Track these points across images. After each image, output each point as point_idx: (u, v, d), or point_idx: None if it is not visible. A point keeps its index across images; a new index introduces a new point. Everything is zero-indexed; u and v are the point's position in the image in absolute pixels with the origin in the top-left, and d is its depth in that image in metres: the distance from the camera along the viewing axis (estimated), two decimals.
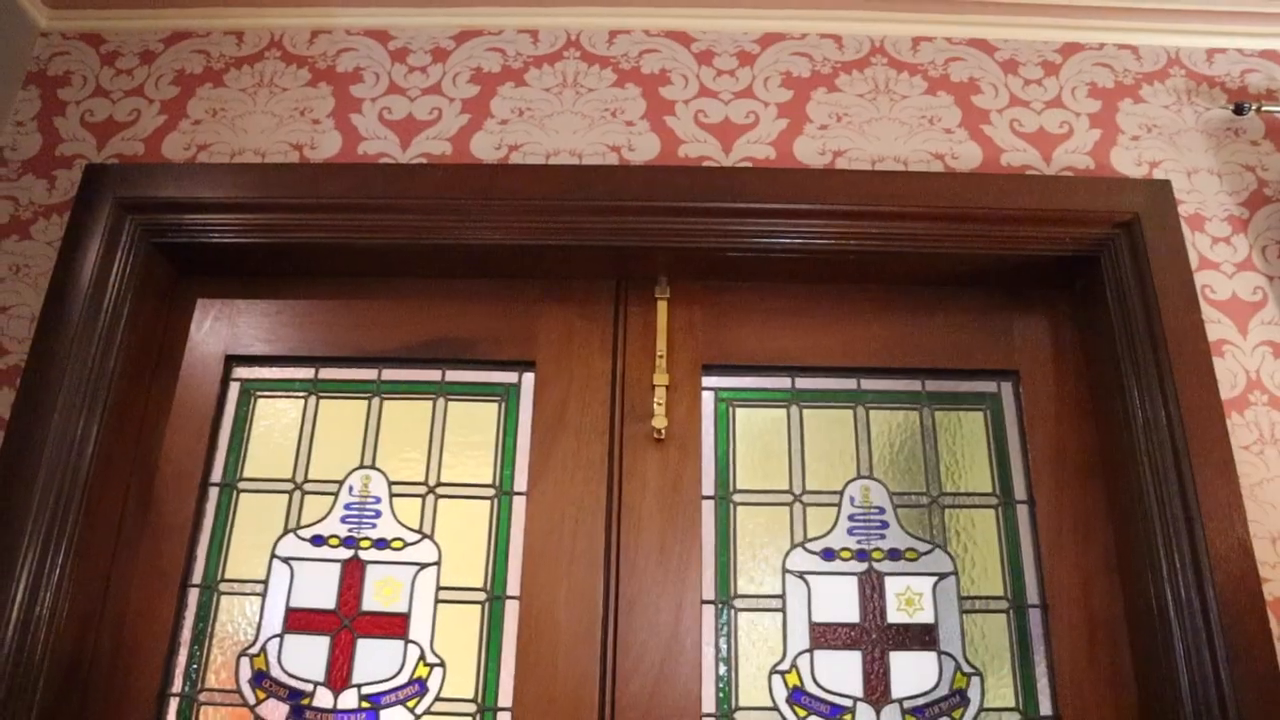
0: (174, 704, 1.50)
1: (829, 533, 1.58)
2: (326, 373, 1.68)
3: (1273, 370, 1.58)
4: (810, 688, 1.49)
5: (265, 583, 1.56)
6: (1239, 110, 1.69)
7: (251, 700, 1.50)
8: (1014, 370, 1.65)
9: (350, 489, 1.61)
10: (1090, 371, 1.65)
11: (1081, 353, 1.66)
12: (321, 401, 1.67)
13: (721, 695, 1.49)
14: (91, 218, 1.64)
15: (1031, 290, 1.71)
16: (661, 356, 1.61)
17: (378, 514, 1.59)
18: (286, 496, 1.61)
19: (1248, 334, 1.60)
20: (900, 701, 1.48)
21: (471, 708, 1.49)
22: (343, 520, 1.59)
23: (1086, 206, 1.63)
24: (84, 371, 1.54)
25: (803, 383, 1.66)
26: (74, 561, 1.47)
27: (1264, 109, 1.71)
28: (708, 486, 1.59)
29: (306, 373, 1.69)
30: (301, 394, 1.68)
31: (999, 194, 1.63)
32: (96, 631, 1.51)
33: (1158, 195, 1.64)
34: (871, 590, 1.54)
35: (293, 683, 1.51)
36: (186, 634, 1.54)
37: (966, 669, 1.51)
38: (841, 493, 1.60)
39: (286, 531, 1.59)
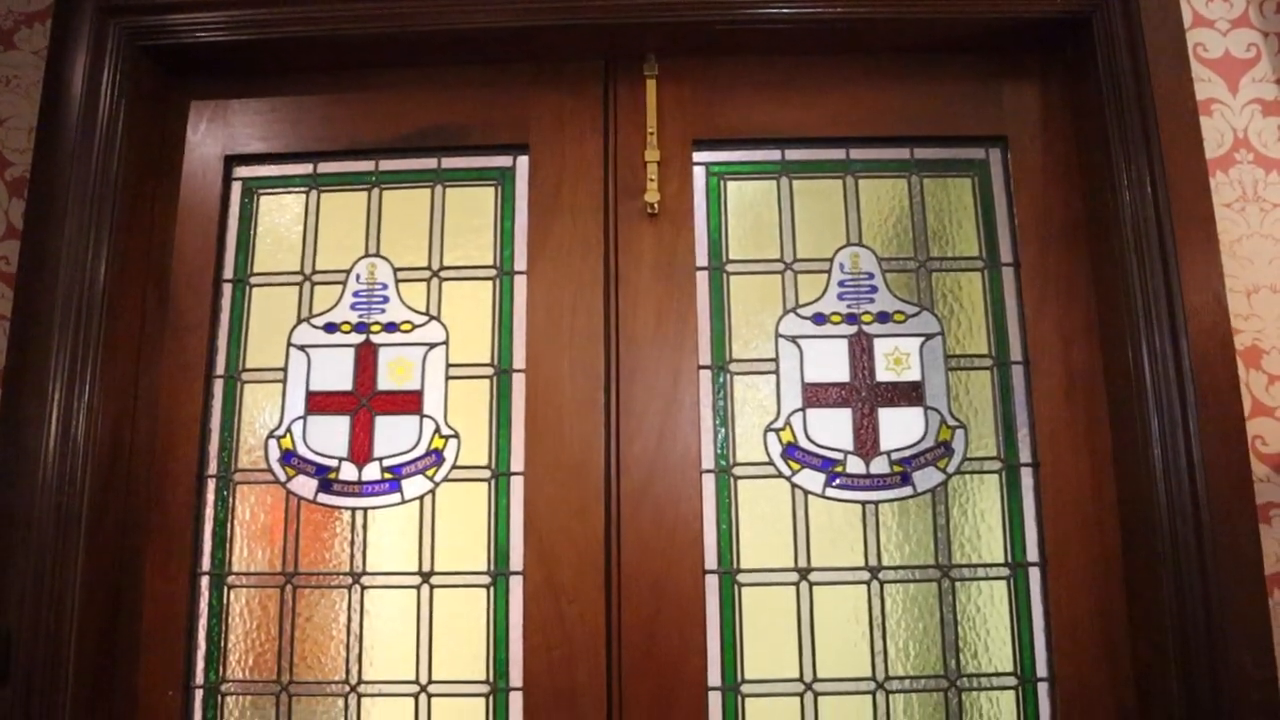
0: (212, 484, 1.62)
1: (820, 298, 1.63)
2: (325, 167, 1.71)
3: (1260, 128, 1.58)
4: (803, 443, 1.58)
5: (284, 370, 1.65)
6: None
7: (282, 477, 1.61)
8: (1002, 136, 1.67)
9: (357, 277, 1.67)
10: (1078, 136, 1.65)
11: (1070, 117, 1.67)
12: (322, 195, 1.71)
13: (720, 453, 1.58)
14: (74, 24, 1.64)
15: (1022, 55, 1.69)
16: (652, 133, 1.63)
17: (385, 299, 1.66)
18: (297, 288, 1.67)
19: (1238, 92, 1.60)
20: (888, 453, 1.58)
21: (486, 473, 1.59)
22: (352, 307, 1.66)
23: None
24: (88, 179, 1.57)
25: (792, 154, 1.69)
26: (102, 361, 1.54)
27: None
28: (701, 258, 1.64)
29: (305, 168, 1.72)
30: (302, 189, 1.71)
31: None
32: (132, 424, 1.61)
33: None
34: (861, 351, 1.61)
35: (319, 459, 1.61)
36: (216, 421, 1.64)
37: (951, 422, 1.59)
38: (831, 260, 1.65)
39: (300, 321, 1.66)
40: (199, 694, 1.55)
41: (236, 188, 1.71)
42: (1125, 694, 1.49)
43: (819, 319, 1.62)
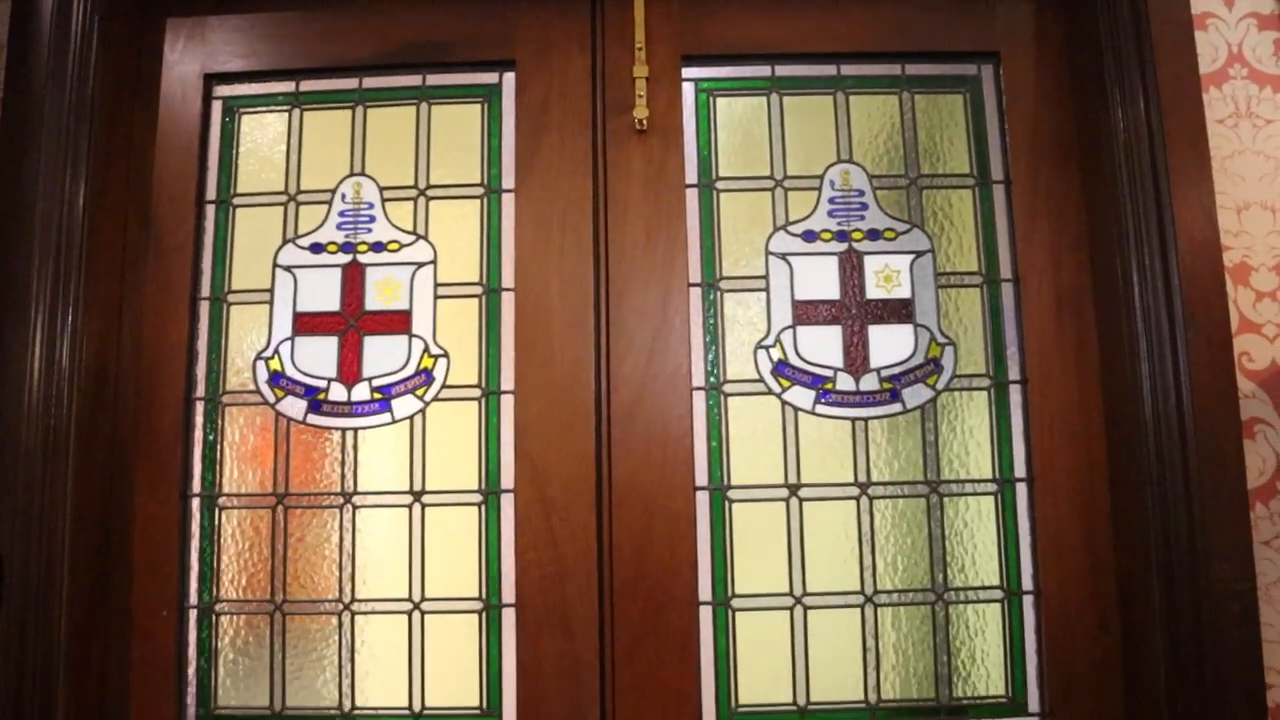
0: (200, 407, 1.61)
1: (810, 216, 1.62)
2: (307, 85, 1.68)
3: (1255, 43, 1.57)
4: (794, 360, 1.58)
5: (270, 291, 1.63)
6: None
7: (271, 399, 1.60)
8: (994, 52, 1.65)
9: (343, 197, 1.65)
10: (1071, 51, 1.64)
11: (1064, 32, 1.65)
12: (305, 114, 1.68)
13: (710, 370, 1.58)
14: None
15: None
16: (640, 49, 1.60)
17: (372, 219, 1.64)
18: (281, 209, 1.65)
19: (1233, 5, 1.58)
20: (878, 370, 1.58)
21: (476, 392, 1.59)
22: (338, 227, 1.64)
23: None
24: (62, 100, 1.53)
25: (782, 70, 1.66)
26: (85, 285, 1.52)
27: None
28: (691, 175, 1.63)
29: (287, 86, 1.68)
30: (284, 108, 1.68)
31: None
32: (117, 348, 1.59)
33: None
34: (851, 269, 1.61)
35: (307, 380, 1.60)
36: (202, 344, 1.62)
37: (941, 339, 1.59)
38: (822, 177, 1.63)
39: (285, 242, 1.64)
40: (193, 614, 1.56)
41: (217, 107, 1.68)
42: (1108, 606, 1.51)
43: (809, 236, 1.61)
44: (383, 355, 1.59)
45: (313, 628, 1.56)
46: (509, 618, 1.53)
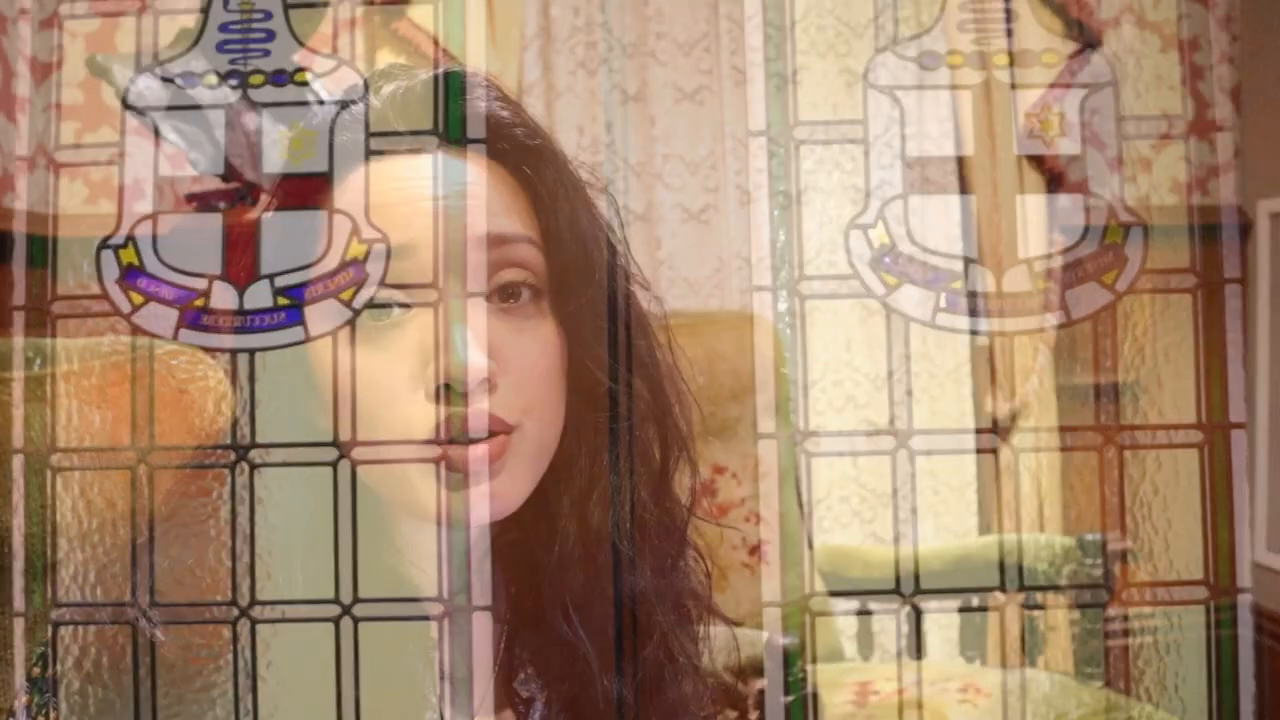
0: (19, 320, 1.12)
1: (929, 30, 1.13)
2: None
3: None
4: (904, 246, 1.11)
5: (120, 146, 1.12)
6: None
7: (126, 307, 1.10)
8: None
9: (225, 2, 1.15)
10: None
11: None
12: None
13: (780, 261, 1.11)
14: None
15: None
16: None
17: (268, 36, 1.13)
18: (133, 21, 1.13)
19: None
20: (1029, 262, 1.11)
21: (431, 295, 1.10)
22: (220, 48, 1.12)
23: None
24: None
25: None
26: None
27: None
28: None
29: None
30: None
31: None
32: None
33: None
34: (991, 110, 1.13)
35: (178, 279, 1.10)
36: (19, 222, 1.14)
37: (1124, 216, 1.12)
38: None
39: (140, 72, 1.13)
40: (19, 624, 1.11)
41: None
42: None
43: (929, 61, 1.13)
44: (290, 241, 1.11)
45: (196, 642, 1.11)
46: (481, 624, 1.08)
